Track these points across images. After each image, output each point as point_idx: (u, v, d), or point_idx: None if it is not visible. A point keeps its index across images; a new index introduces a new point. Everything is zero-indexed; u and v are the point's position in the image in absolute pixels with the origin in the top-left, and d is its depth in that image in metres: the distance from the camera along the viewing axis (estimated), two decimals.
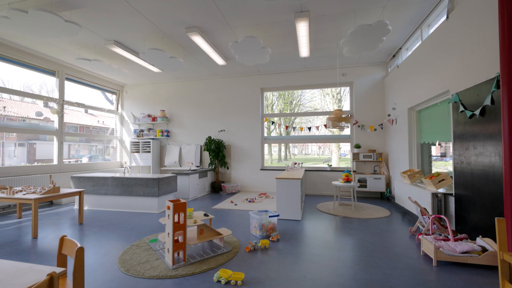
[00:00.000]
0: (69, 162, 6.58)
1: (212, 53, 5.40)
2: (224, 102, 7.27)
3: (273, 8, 3.88)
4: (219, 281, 2.16)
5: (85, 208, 4.99)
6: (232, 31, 4.58)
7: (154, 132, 7.63)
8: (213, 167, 7.01)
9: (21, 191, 3.83)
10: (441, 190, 3.54)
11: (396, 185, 4.90)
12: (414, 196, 4.00)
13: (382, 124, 6.17)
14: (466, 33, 3.04)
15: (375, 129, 6.22)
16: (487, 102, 2.57)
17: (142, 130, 7.68)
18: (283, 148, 9.63)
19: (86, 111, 10.71)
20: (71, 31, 3.78)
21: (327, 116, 7.00)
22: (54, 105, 6.10)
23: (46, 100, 5.87)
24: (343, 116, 5.00)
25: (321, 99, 7.93)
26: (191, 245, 2.66)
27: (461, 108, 3.04)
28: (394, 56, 5.61)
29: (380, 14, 4.06)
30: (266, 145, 7.33)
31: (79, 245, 1.44)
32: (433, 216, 2.90)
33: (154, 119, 7.60)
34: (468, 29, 3.00)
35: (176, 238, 2.52)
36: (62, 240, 1.65)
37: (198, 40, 4.74)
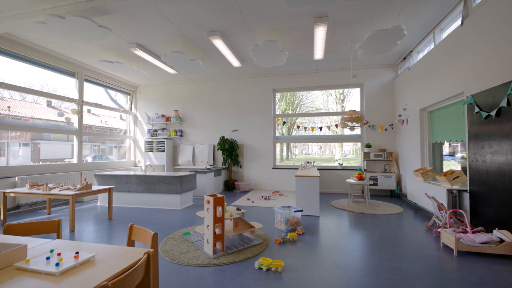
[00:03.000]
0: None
1: (229, 55, 5.59)
2: (236, 103, 7.46)
3: (295, 13, 4.07)
4: (260, 268, 2.35)
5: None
6: (251, 35, 4.77)
7: (168, 132, 7.82)
8: (227, 166, 7.20)
9: (54, 187, 4.01)
10: (455, 187, 3.74)
11: (409, 183, 5.10)
12: (429, 193, 4.19)
13: (392, 124, 6.36)
14: (481, 38, 3.23)
15: (385, 129, 6.41)
16: (503, 103, 2.76)
17: (156, 130, 7.87)
18: (284, 148, 9.79)
19: (88, 111, 10.88)
20: (102, 35, 3.96)
21: (333, 116, 7.23)
22: (74, 106, 6.29)
23: (67, 101, 6.05)
24: (356, 116, 5.19)
25: (325, 100, 8.11)
26: (227, 236, 2.85)
27: (477, 109, 3.24)
28: (404, 58, 5.80)
29: (396, 19, 4.25)
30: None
31: (152, 232, 1.64)
32: (451, 210, 3.09)
33: (168, 119, 7.79)
34: (483, 35, 3.19)
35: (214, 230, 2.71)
36: (131, 227, 1.84)
37: (218, 43, 4.93)
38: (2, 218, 3.81)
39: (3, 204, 3.80)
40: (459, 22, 3.83)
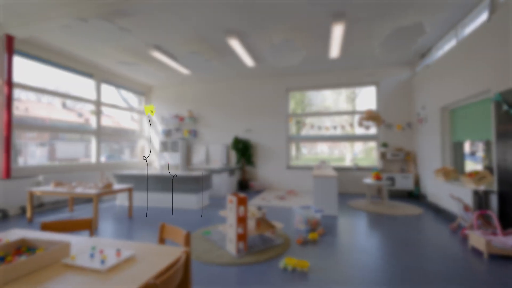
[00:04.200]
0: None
1: (243, 55, 5.59)
2: (250, 102, 7.47)
3: (312, 11, 4.03)
4: (285, 268, 2.34)
5: (127, 203, 5.27)
6: (267, 34, 4.74)
7: (182, 132, 7.91)
8: (240, 166, 7.22)
9: (76, 186, 4.12)
10: (481, 188, 3.61)
11: (429, 183, 4.97)
12: (454, 194, 4.07)
13: (410, 123, 6.22)
14: (509, 34, 3.11)
15: (403, 128, 6.28)
16: None
17: (170, 130, 7.97)
18: (294, 148, 9.65)
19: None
20: (121, 37, 4.05)
21: (344, 115, 7.13)
22: (89, 107, 6.47)
23: (86, 102, 6.21)
24: (374, 115, 5.11)
25: (335, 99, 7.97)
26: (248, 236, 2.85)
27: (505, 107, 3.12)
28: (423, 56, 5.66)
29: (416, 16, 4.14)
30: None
31: (185, 231, 1.65)
32: (479, 212, 2.99)
33: (181, 119, 7.87)
34: (511, 30, 3.07)
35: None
36: (162, 226, 1.86)
37: (234, 43, 4.94)
38: (29, 216, 3.94)
39: (30, 202, 3.93)
40: (483, 17, 3.71)
